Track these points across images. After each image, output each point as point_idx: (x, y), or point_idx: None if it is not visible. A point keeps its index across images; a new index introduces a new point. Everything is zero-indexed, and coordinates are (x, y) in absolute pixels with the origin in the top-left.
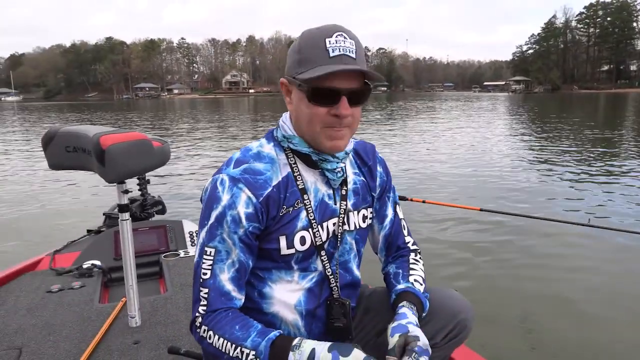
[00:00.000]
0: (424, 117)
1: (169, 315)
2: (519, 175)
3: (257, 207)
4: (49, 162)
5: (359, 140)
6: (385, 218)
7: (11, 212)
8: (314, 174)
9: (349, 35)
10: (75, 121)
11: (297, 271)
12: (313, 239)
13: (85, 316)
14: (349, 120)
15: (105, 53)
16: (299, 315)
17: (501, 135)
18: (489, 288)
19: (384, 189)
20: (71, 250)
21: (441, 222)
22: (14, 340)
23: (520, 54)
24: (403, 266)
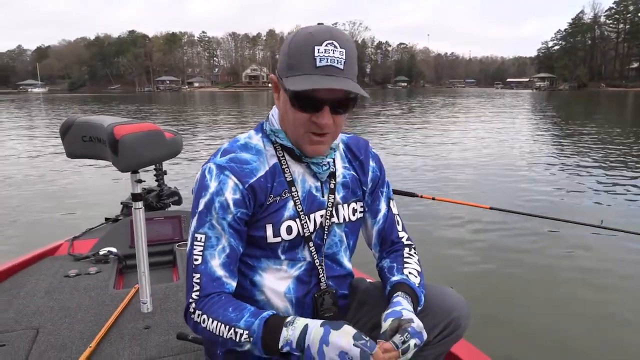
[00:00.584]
0: (443, 113)
1: (179, 302)
2: (534, 175)
3: (244, 193)
4: (66, 151)
5: (351, 135)
6: (379, 213)
7: (35, 200)
8: (301, 166)
9: (340, 43)
10: (98, 113)
11: (285, 260)
12: (300, 229)
13: (99, 301)
14: (330, 127)
15: (127, 46)
16: (289, 303)
17: (520, 133)
18: (495, 287)
19: (376, 183)
20: (89, 237)
21: (450, 219)
22: (32, 321)
23: (546, 50)
24: (397, 260)
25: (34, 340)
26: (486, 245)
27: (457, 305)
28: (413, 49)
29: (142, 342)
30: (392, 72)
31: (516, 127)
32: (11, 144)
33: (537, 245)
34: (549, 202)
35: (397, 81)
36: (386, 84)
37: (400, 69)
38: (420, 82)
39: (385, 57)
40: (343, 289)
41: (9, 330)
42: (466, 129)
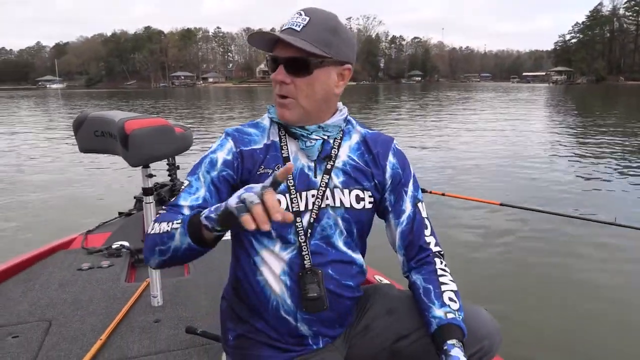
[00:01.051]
0: (458, 107)
1: (189, 296)
2: (548, 170)
3: (235, 155)
4: (79, 146)
5: (375, 132)
6: (402, 213)
7: (51, 193)
8: (296, 144)
9: (306, 12)
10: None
11: (277, 240)
12: (290, 205)
13: (111, 294)
14: (289, 89)
15: (143, 42)
16: (284, 286)
17: (536, 127)
18: (506, 286)
19: (398, 181)
20: (102, 231)
21: (461, 215)
22: (45, 312)
23: (563, 44)
24: (432, 279)
25: (46, 332)
26: (496, 243)
27: (491, 331)
28: (427, 43)
29: (151, 335)
30: (406, 66)
31: (532, 121)
32: (29, 138)
33: (549, 243)
34: (562, 199)
35: (411, 75)
36: (400, 78)
37: (414, 64)
38: (435, 77)
39: (399, 51)
40: (346, 278)
41: (22, 322)
42: (481, 123)
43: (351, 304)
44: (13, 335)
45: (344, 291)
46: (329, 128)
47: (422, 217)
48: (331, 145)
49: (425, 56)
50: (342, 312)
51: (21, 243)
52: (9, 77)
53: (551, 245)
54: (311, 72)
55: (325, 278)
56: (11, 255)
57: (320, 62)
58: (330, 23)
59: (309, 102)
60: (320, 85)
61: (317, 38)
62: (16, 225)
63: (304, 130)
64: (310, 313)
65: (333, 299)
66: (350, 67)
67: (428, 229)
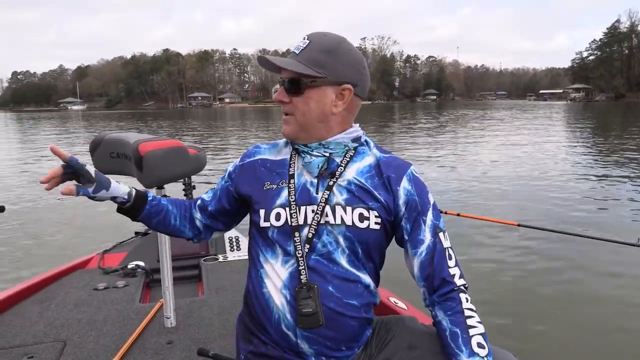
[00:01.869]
0: (474, 126)
1: (202, 317)
2: (566, 190)
3: (236, 168)
4: (95, 167)
5: (391, 155)
6: (421, 243)
7: (70, 213)
8: (301, 161)
9: (309, 36)
10: (134, 130)
11: (279, 252)
12: (289, 218)
13: (125, 314)
14: (289, 107)
15: (162, 64)
16: (284, 299)
17: (555, 146)
18: (525, 310)
19: (413, 208)
20: (119, 250)
21: (477, 237)
22: (60, 333)
23: (580, 61)
24: (459, 322)
25: (61, 352)
26: (515, 265)
27: None
28: (442, 62)
29: (164, 357)
30: (421, 85)
31: (551, 140)
32: (48, 158)
33: (569, 265)
34: (582, 219)
35: (426, 94)
36: (415, 97)
37: (429, 82)
38: (450, 95)
39: (414, 70)
40: (349, 297)
41: (38, 342)
42: (498, 142)
43: (357, 326)
44: (28, 355)
45: (346, 310)
46: (331, 145)
47: (443, 247)
48: (337, 163)
49: (440, 75)
50: (345, 332)
51: (40, 262)
52: (32, 99)
53: (571, 266)
54: (302, 92)
55: (324, 295)
56: (30, 274)
57: (311, 81)
58: (329, 45)
59: (305, 119)
60: (315, 104)
61: (310, 59)
62: (35, 244)
63: (307, 147)
64: (306, 329)
65: (333, 316)
66: (350, 88)
67: (452, 259)
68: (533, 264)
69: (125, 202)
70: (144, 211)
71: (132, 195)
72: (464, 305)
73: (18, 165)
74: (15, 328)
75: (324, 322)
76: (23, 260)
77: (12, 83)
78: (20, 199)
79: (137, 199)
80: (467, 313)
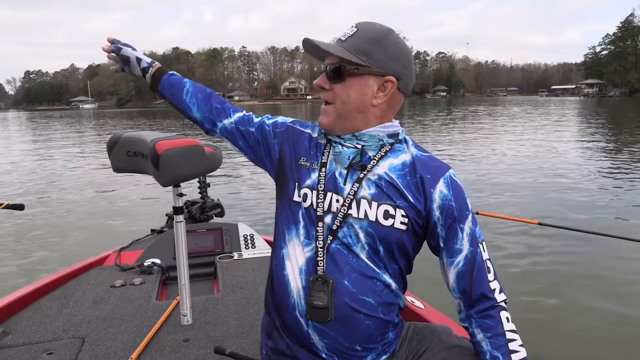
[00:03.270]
0: (487, 123)
1: (218, 315)
2: (586, 188)
3: (284, 125)
4: (112, 166)
5: (429, 155)
6: (458, 253)
7: (88, 211)
8: (332, 150)
9: (357, 24)
10: (145, 128)
11: (302, 235)
12: (314, 203)
13: (142, 311)
14: (329, 95)
15: (171, 62)
16: (300, 285)
17: (570, 143)
18: (547, 311)
19: (449, 214)
20: (135, 248)
21: (495, 236)
22: (79, 330)
23: (594, 55)
24: (500, 346)
25: (79, 349)
26: (535, 265)
27: None
28: (452, 58)
29: (180, 355)
30: (430, 81)
31: (566, 136)
32: (63, 157)
33: (591, 265)
34: (604, 218)
35: (435, 91)
36: (425, 93)
37: (439, 79)
38: (460, 92)
39: (424, 66)
40: (365, 293)
41: (57, 338)
42: (512, 138)
43: (373, 326)
44: (48, 352)
45: (361, 307)
46: (364, 137)
47: (483, 259)
48: (370, 156)
49: (450, 71)
50: (359, 330)
51: (57, 259)
52: (45, 98)
53: (593, 266)
54: (344, 79)
55: (338, 288)
56: (48, 271)
57: (355, 69)
58: (376, 35)
59: (344, 108)
60: (355, 93)
61: (355, 47)
62: (53, 242)
63: (339, 138)
64: (313, 322)
65: (346, 311)
66: (393, 80)
67: (491, 272)
68: (554, 263)
69: (147, 67)
70: (162, 80)
71: (155, 64)
72: (506, 326)
73: (37, 163)
74: (34, 324)
75: (335, 317)
76: (41, 257)
77: (25, 82)
78: (39, 198)
79: (159, 69)
80: (509, 336)
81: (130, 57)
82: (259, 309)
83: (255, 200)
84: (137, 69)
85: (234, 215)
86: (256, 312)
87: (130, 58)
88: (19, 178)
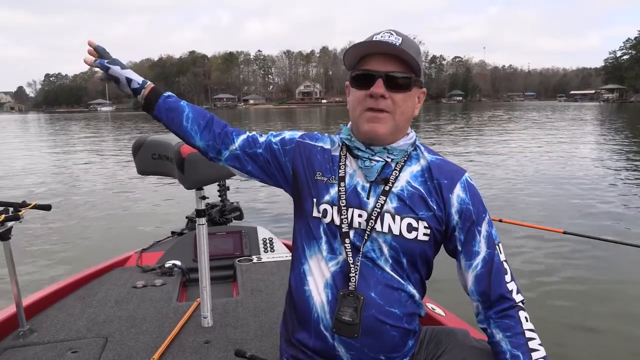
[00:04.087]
0: (506, 128)
1: (238, 318)
2: (610, 196)
3: (293, 142)
4: (137, 168)
5: (443, 159)
6: (476, 255)
7: (109, 213)
8: (356, 163)
9: (399, 33)
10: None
11: (325, 248)
12: (337, 219)
13: (163, 312)
14: (387, 104)
15: (188, 66)
16: (325, 299)
17: (592, 150)
18: (574, 325)
19: (467, 218)
20: (156, 249)
21: (520, 244)
22: (102, 329)
23: (614, 60)
24: (520, 344)
25: (103, 348)
26: (561, 275)
27: None
28: (468, 62)
29: (202, 356)
30: (446, 86)
31: (588, 142)
32: (84, 160)
33: (619, 276)
34: (630, 227)
35: (451, 95)
36: (440, 98)
37: (455, 83)
38: (477, 96)
39: (440, 71)
40: (392, 305)
41: (81, 337)
42: (531, 144)
43: (398, 336)
44: (72, 350)
45: (387, 318)
46: (395, 151)
47: (500, 260)
48: (392, 168)
49: (466, 75)
50: (385, 341)
51: (80, 259)
52: (64, 100)
53: (621, 277)
54: (410, 89)
55: (366, 302)
56: (71, 270)
57: (415, 80)
58: (417, 46)
59: (402, 119)
60: (410, 103)
61: (410, 54)
62: (75, 242)
63: (369, 151)
64: (340, 335)
65: (374, 324)
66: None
67: (508, 274)
68: (580, 273)
69: (139, 88)
70: (158, 102)
71: (147, 84)
72: (525, 325)
73: (58, 165)
74: (59, 323)
75: (362, 329)
76: (64, 257)
77: (45, 85)
78: (62, 200)
79: (152, 89)
80: (529, 335)
81: (119, 78)
82: (278, 313)
83: (273, 204)
84: (127, 89)
85: (253, 218)
86: (276, 315)
87: (119, 79)
88: (42, 179)
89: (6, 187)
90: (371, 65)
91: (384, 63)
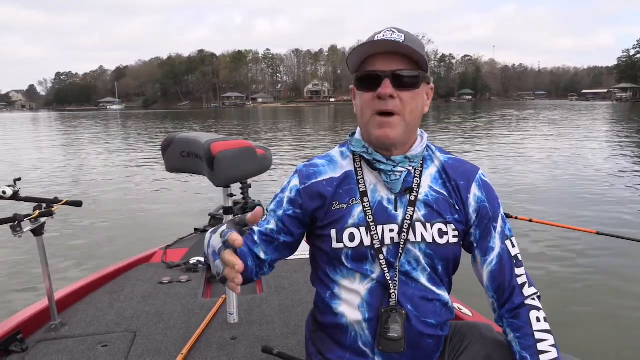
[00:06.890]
0: (517, 127)
1: (264, 315)
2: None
3: (299, 193)
4: (166, 165)
5: (456, 157)
6: (490, 251)
7: (135, 211)
8: (376, 176)
9: (401, 31)
10: (171, 129)
11: (355, 273)
12: (367, 240)
13: (189, 309)
14: (395, 104)
15: (196, 65)
16: (362, 317)
17: (617, 150)
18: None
19: (484, 215)
20: (180, 246)
21: (550, 245)
22: (130, 324)
23: (627, 59)
24: (528, 346)
25: (132, 342)
26: (594, 278)
27: None
28: (478, 61)
29: (229, 352)
30: (456, 85)
31: (607, 142)
32: (104, 157)
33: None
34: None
35: (461, 94)
36: (450, 97)
37: (464, 82)
38: (486, 95)
39: (449, 70)
40: (428, 316)
41: (110, 331)
42: (550, 144)
43: (433, 343)
44: (102, 344)
45: (426, 329)
46: (415, 159)
47: (512, 255)
48: (412, 175)
49: (476, 74)
50: (422, 350)
51: (107, 255)
52: (74, 99)
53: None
54: (419, 86)
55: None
56: (97, 266)
57: (423, 76)
58: (420, 42)
59: (412, 119)
60: (420, 101)
61: (414, 51)
62: (102, 238)
63: (390, 162)
64: (386, 352)
65: (414, 337)
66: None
67: (520, 267)
68: (611, 277)
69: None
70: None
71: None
72: (535, 326)
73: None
74: (89, 317)
75: (407, 342)
76: (91, 253)
77: (56, 84)
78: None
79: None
80: (539, 336)
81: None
82: (303, 310)
83: None
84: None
85: None
86: (301, 313)
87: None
88: (65, 178)
89: (34, 185)
90: (376, 66)
91: (388, 62)
